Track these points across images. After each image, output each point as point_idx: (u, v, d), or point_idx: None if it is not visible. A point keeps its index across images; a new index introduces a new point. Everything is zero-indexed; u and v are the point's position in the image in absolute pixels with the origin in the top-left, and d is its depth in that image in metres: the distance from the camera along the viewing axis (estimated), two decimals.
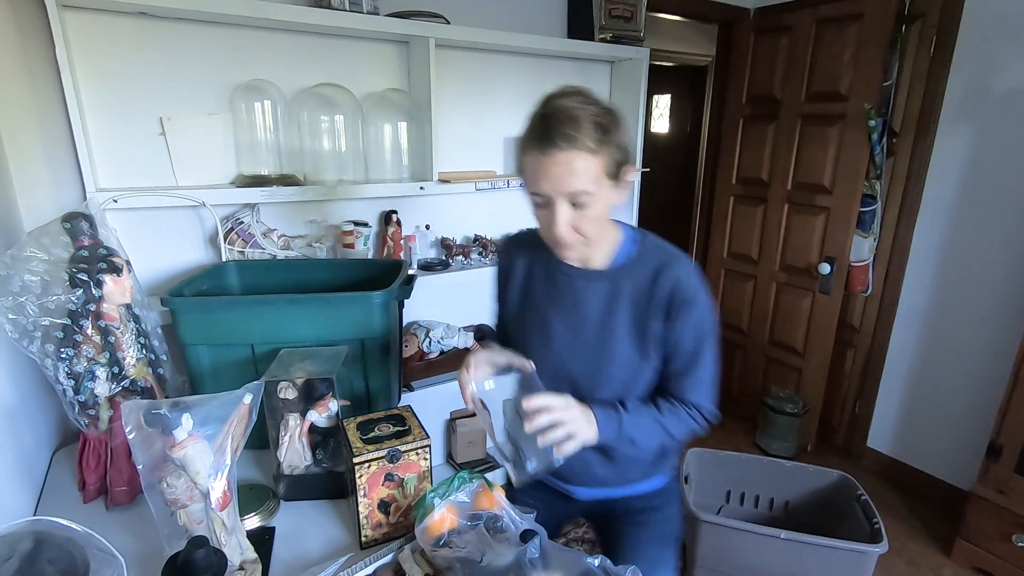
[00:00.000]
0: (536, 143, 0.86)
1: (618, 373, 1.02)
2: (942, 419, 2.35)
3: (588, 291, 1.02)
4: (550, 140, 0.83)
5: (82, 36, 1.37)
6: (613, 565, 0.80)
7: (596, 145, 0.85)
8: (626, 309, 0.99)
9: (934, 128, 2.23)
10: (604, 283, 1.01)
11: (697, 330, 0.98)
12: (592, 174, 0.86)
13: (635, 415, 0.99)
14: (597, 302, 1.01)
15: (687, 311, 0.96)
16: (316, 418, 1.07)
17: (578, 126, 0.83)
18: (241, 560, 0.87)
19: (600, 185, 0.87)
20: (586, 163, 0.85)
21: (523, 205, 2.33)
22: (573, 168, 0.84)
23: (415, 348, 1.95)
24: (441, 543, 0.87)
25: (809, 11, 2.41)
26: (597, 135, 0.85)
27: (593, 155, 0.85)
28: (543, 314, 1.07)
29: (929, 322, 2.35)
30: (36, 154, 1.35)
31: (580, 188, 0.86)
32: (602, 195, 0.89)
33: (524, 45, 1.90)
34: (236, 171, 1.63)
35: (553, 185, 0.86)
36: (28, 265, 1.00)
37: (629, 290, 0.99)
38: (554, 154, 0.84)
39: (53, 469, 1.21)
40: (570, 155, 0.84)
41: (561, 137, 0.83)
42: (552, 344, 1.06)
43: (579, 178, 0.85)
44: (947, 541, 2.11)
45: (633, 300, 0.99)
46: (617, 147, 0.88)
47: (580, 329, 1.03)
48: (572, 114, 0.84)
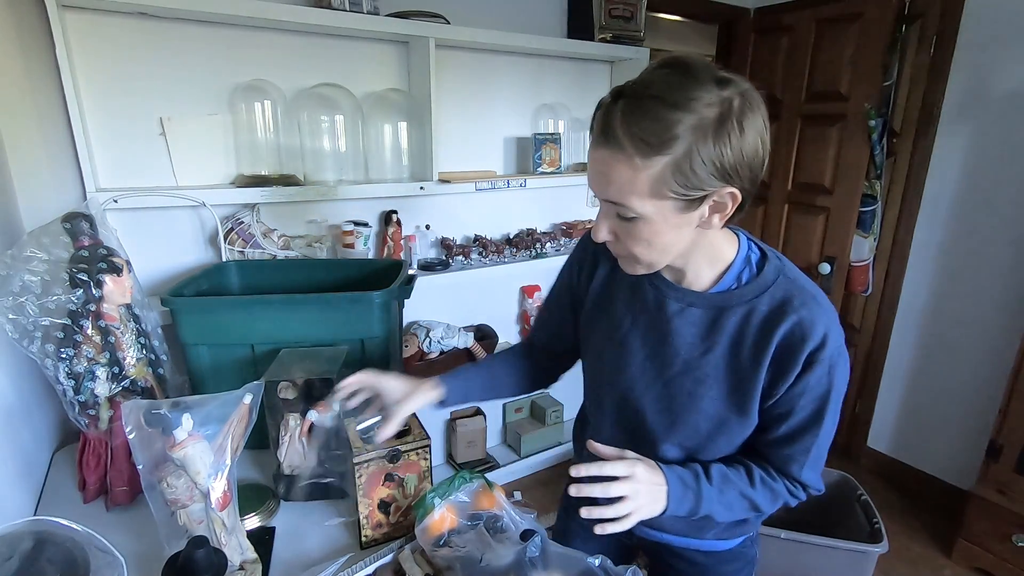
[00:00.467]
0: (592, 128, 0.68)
1: (701, 425, 0.80)
2: (942, 419, 2.35)
3: (681, 317, 0.78)
4: (596, 131, 0.65)
5: (82, 36, 1.37)
6: (613, 565, 0.80)
7: (639, 153, 0.61)
8: (726, 349, 0.76)
9: (934, 128, 2.23)
10: (703, 310, 0.77)
11: (821, 395, 0.74)
12: (633, 187, 0.63)
13: (719, 489, 0.78)
14: (691, 333, 0.78)
15: (811, 368, 0.72)
16: (316, 418, 1.07)
17: (630, 120, 0.61)
18: (241, 560, 0.87)
19: (650, 205, 0.64)
20: (621, 170, 0.63)
21: (523, 205, 2.31)
22: (607, 172, 0.65)
23: (415, 348, 1.95)
24: (441, 543, 0.87)
25: (809, 11, 2.41)
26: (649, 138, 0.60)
27: (633, 163, 0.62)
28: (622, 330, 0.84)
29: (929, 322, 2.35)
30: (36, 154, 1.35)
31: (617, 199, 0.66)
32: (655, 217, 0.66)
33: (524, 45, 1.90)
34: (236, 171, 1.63)
35: (592, 182, 0.69)
36: (28, 265, 1.00)
37: (734, 325, 0.75)
38: (595, 148, 0.66)
39: (53, 469, 1.21)
40: (607, 155, 0.64)
41: (603, 129, 0.63)
42: (627, 370, 0.84)
43: (614, 187, 0.65)
44: (947, 541, 2.11)
45: (737, 339, 0.75)
46: (696, 161, 0.61)
47: (664, 362, 0.80)
48: (638, 100, 0.61)
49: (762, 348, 0.73)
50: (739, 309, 0.75)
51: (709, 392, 0.78)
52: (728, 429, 0.80)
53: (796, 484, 0.81)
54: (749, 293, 0.75)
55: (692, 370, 0.78)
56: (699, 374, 0.78)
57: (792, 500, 0.83)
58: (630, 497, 0.72)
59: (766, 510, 0.82)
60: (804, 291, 0.74)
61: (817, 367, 0.72)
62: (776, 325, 0.72)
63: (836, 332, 0.72)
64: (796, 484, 0.81)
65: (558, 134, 2.13)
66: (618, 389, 0.86)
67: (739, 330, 0.75)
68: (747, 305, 0.74)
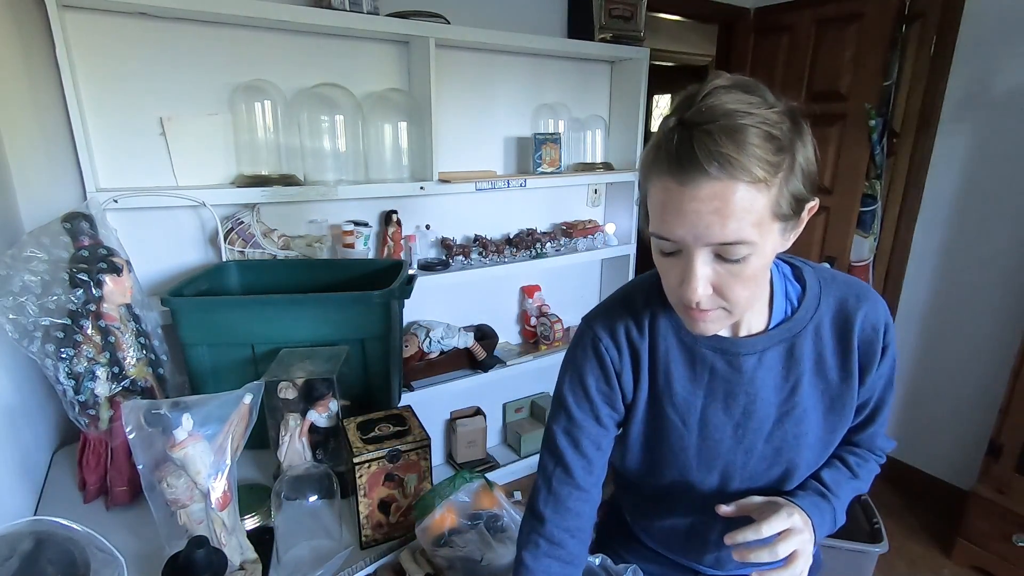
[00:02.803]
0: (671, 166, 0.56)
1: (813, 458, 0.76)
2: (942, 419, 2.35)
3: (759, 369, 0.71)
4: (694, 162, 0.54)
5: (82, 36, 1.37)
6: (614, 564, 0.80)
7: (766, 172, 0.55)
8: (812, 375, 0.72)
9: (934, 128, 2.23)
10: (775, 350, 0.71)
11: (890, 375, 0.75)
12: (755, 216, 0.56)
13: (842, 495, 0.76)
14: (772, 377, 0.71)
15: (886, 352, 0.72)
16: (316, 418, 1.07)
17: (740, 142, 0.54)
18: (241, 560, 0.87)
19: (765, 232, 0.58)
20: (749, 200, 0.55)
21: (523, 205, 2.30)
22: (727, 207, 0.55)
23: (415, 348, 1.95)
24: (441, 543, 0.87)
25: (809, 11, 2.41)
26: (768, 155, 0.55)
27: (760, 188, 0.56)
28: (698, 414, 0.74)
29: (929, 322, 2.35)
30: (36, 154, 1.35)
31: (736, 238, 0.57)
32: (766, 247, 0.60)
33: (524, 45, 1.91)
34: (236, 171, 1.63)
35: (694, 231, 0.57)
36: (28, 265, 1.00)
37: (810, 348, 0.71)
38: (700, 185, 0.55)
39: (53, 469, 1.21)
40: (726, 186, 0.55)
41: (712, 159, 0.54)
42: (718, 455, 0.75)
43: (736, 223, 0.56)
44: (947, 541, 2.10)
45: (816, 359, 0.71)
46: (798, 172, 0.59)
47: (760, 420, 0.73)
48: (732, 122, 0.55)
49: (847, 357, 0.71)
50: (807, 331, 0.71)
51: (811, 426, 0.73)
52: (833, 442, 0.77)
53: (879, 453, 0.83)
54: (807, 312, 0.71)
55: (790, 412, 0.73)
56: (798, 413, 0.73)
57: (878, 470, 0.84)
58: (800, 551, 0.66)
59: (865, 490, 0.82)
60: (848, 285, 0.73)
61: (890, 349, 0.72)
62: (849, 326, 0.70)
63: (884, 306, 0.72)
64: (879, 453, 0.83)
65: (558, 134, 2.12)
66: (714, 473, 0.77)
67: (816, 349, 0.71)
68: (812, 323, 0.71)
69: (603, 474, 0.80)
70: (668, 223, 0.59)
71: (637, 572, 0.78)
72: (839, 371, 0.72)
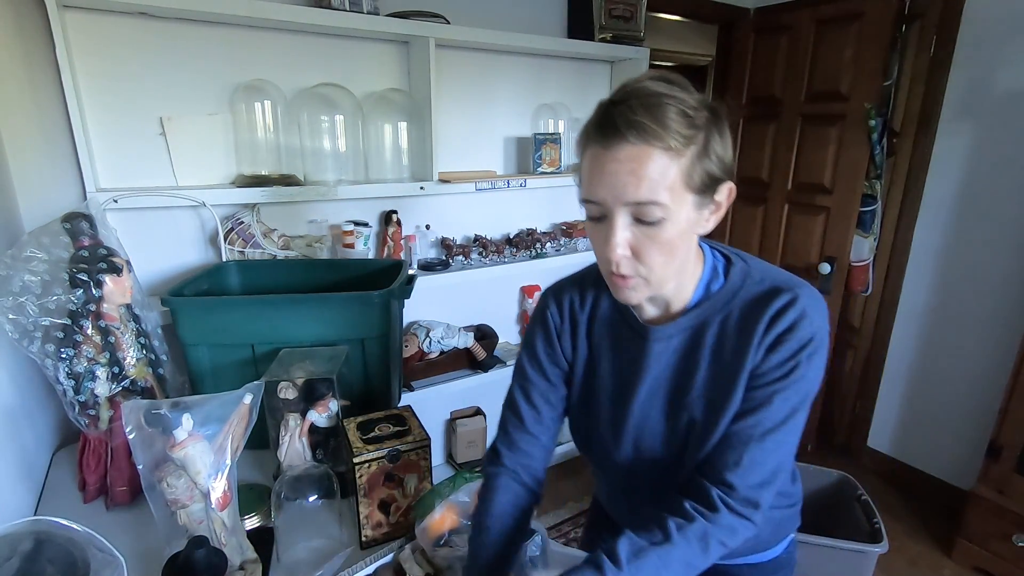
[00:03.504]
0: (597, 134, 0.65)
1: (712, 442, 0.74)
2: (942, 419, 2.35)
3: (665, 353, 0.77)
4: (615, 129, 0.63)
5: (82, 36, 1.37)
6: None
7: (677, 142, 0.62)
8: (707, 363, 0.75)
9: (934, 128, 2.23)
10: (680, 337, 0.76)
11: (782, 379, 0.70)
12: (668, 181, 0.63)
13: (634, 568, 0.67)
14: (673, 359, 0.77)
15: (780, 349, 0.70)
16: (316, 418, 1.07)
17: (656, 114, 0.62)
18: (241, 560, 0.87)
19: (678, 200, 0.64)
20: (662, 165, 0.62)
21: (523, 205, 2.30)
22: (643, 169, 0.62)
23: (415, 348, 1.95)
24: (441, 542, 0.87)
25: (809, 11, 2.41)
26: (681, 129, 0.62)
27: (672, 155, 0.62)
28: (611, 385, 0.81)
29: (929, 322, 2.35)
30: (36, 154, 1.35)
31: (648, 197, 0.63)
32: (680, 215, 0.65)
33: (524, 45, 1.90)
34: (236, 171, 1.63)
35: (612, 190, 0.64)
36: (28, 265, 1.00)
37: (713, 336, 0.74)
38: (620, 147, 0.62)
39: (53, 469, 1.21)
40: (641, 150, 0.62)
41: (632, 126, 0.62)
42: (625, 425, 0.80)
43: (649, 183, 0.62)
44: (947, 541, 2.11)
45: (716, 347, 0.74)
46: (713, 153, 0.65)
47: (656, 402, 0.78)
48: (651, 101, 0.63)
49: (745, 339, 0.71)
50: (716, 317, 0.74)
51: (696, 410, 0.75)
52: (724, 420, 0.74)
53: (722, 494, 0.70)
54: (723, 298, 0.74)
55: (681, 397, 0.76)
56: (688, 400, 0.75)
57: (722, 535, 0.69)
58: None
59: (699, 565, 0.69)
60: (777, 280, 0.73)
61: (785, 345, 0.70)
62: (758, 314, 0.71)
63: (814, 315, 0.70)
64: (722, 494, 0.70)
65: (558, 134, 2.12)
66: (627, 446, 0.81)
67: (719, 338, 0.74)
68: (723, 312, 0.74)
69: (554, 426, 0.88)
70: (592, 185, 0.66)
71: None
72: (733, 352, 0.72)
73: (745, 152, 2.81)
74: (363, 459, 0.92)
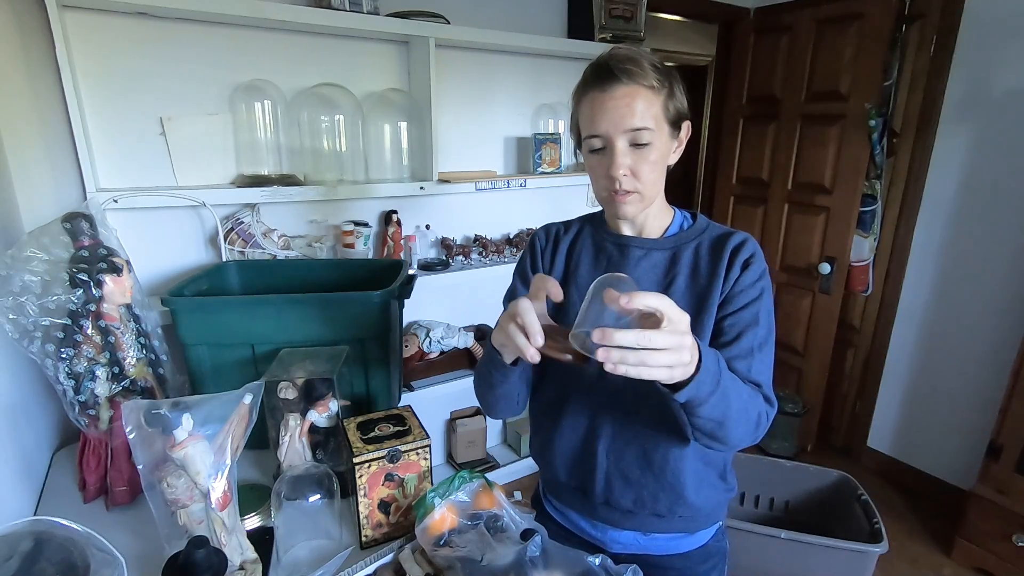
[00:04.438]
0: (595, 82, 0.84)
1: None
2: (942, 419, 2.35)
3: (644, 262, 0.93)
4: (611, 75, 0.82)
5: (82, 36, 1.37)
6: (614, 565, 0.80)
7: (658, 83, 0.83)
8: (687, 276, 0.91)
9: (934, 128, 2.23)
10: (661, 252, 0.93)
11: (756, 297, 0.87)
12: (653, 112, 0.83)
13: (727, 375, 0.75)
14: (655, 272, 0.92)
15: (747, 269, 0.88)
16: (316, 418, 1.07)
17: (638, 64, 0.82)
18: (241, 560, 0.87)
19: (660, 128, 0.84)
20: (648, 100, 0.82)
21: (523, 205, 2.30)
22: (635, 103, 0.81)
23: (415, 348, 1.95)
24: (441, 543, 0.87)
25: (809, 11, 2.41)
26: (657, 75, 0.83)
27: (654, 92, 0.83)
28: None
29: (929, 322, 2.35)
30: (36, 154, 1.35)
31: (642, 124, 0.82)
32: (662, 139, 0.85)
33: (524, 45, 1.91)
34: (236, 171, 1.63)
35: (613, 122, 0.82)
36: (28, 265, 1.00)
37: (689, 256, 0.91)
38: (615, 88, 0.81)
39: (53, 469, 1.21)
40: (631, 89, 0.81)
41: (622, 72, 0.81)
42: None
43: (641, 114, 0.82)
44: (947, 541, 2.10)
45: (693, 266, 0.91)
46: (676, 97, 0.86)
47: None
48: (631, 55, 0.83)
49: (716, 262, 0.89)
50: (690, 244, 0.92)
51: None
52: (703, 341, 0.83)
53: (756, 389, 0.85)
54: (694, 233, 0.93)
55: None
56: None
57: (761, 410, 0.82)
58: (673, 349, 0.62)
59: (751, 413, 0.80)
60: (735, 230, 0.93)
61: (751, 270, 0.88)
62: (723, 244, 0.90)
63: (758, 246, 0.90)
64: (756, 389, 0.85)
65: (558, 134, 2.12)
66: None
67: (694, 259, 0.91)
68: (695, 240, 0.93)
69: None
70: (596, 121, 0.84)
71: (637, 572, 0.78)
72: (708, 275, 0.89)
73: (745, 152, 2.81)
74: (363, 459, 0.92)
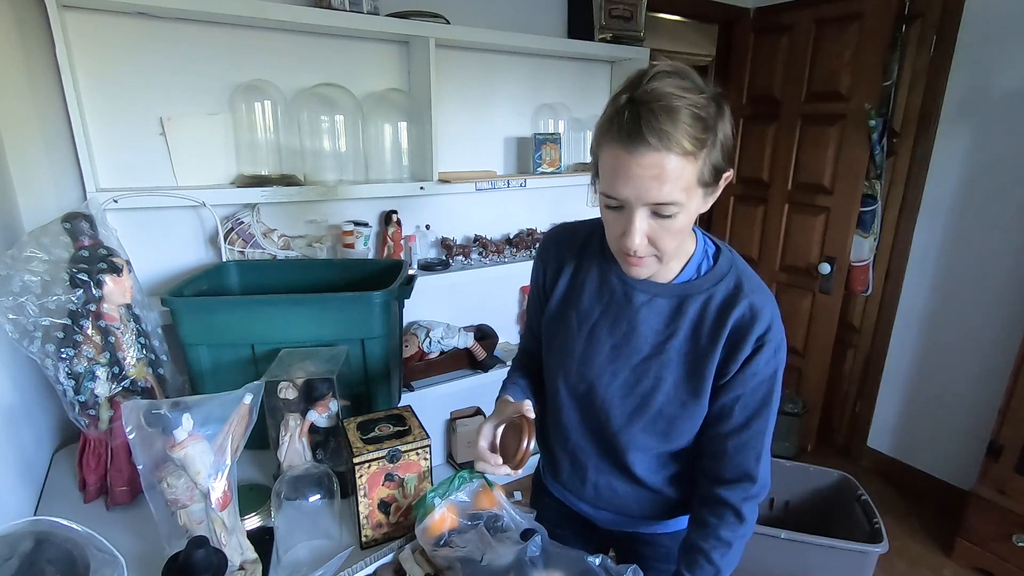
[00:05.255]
0: (621, 137, 0.70)
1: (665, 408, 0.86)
2: (942, 419, 2.35)
3: (648, 307, 0.85)
4: (639, 136, 0.68)
5: (82, 36, 1.37)
6: (614, 565, 0.80)
7: (694, 146, 0.69)
8: (687, 333, 0.83)
9: (934, 128, 2.23)
10: (667, 300, 0.84)
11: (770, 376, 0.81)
12: (684, 182, 0.70)
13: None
14: (656, 321, 0.85)
15: (760, 351, 0.80)
16: (316, 418, 1.07)
17: (676, 121, 0.67)
18: (241, 560, 0.87)
19: (691, 195, 0.72)
20: (680, 169, 0.69)
21: (523, 205, 2.30)
22: (664, 174, 0.69)
23: (415, 348, 1.95)
24: (441, 543, 0.87)
25: (809, 11, 2.41)
26: (697, 133, 0.69)
27: (689, 159, 0.69)
28: (590, 321, 0.89)
29: (929, 322, 2.35)
30: (36, 154, 1.35)
31: (669, 199, 0.71)
32: (691, 206, 0.74)
33: (524, 45, 1.90)
34: (236, 171, 1.63)
35: (636, 191, 0.71)
36: (28, 265, 1.00)
37: (695, 311, 0.83)
38: (643, 154, 0.68)
39: (53, 469, 1.21)
40: (662, 157, 0.68)
41: (653, 134, 0.67)
42: (595, 359, 0.88)
43: (669, 186, 0.70)
44: (947, 541, 2.11)
45: (697, 323, 0.83)
46: (719, 148, 0.72)
47: (632, 350, 0.86)
48: (670, 104, 0.68)
49: (718, 329, 0.81)
50: (699, 297, 0.83)
51: (672, 375, 0.84)
52: (688, 412, 0.85)
53: (749, 483, 0.84)
54: (708, 282, 0.84)
55: (657, 355, 0.85)
56: (664, 358, 0.84)
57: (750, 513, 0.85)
58: None
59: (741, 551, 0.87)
60: (752, 279, 0.84)
61: (765, 349, 0.80)
62: (731, 308, 0.81)
63: (779, 319, 0.82)
64: (749, 483, 0.84)
65: (558, 134, 2.12)
66: (586, 380, 0.90)
67: (699, 316, 0.83)
68: (706, 293, 0.83)
69: None
70: (616, 185, 0.73)
71: (637, 572, 0.78)
72: (709, 338, 0.82)
73: (745, 152, 2.81)
74: (363, 459, 0.92)
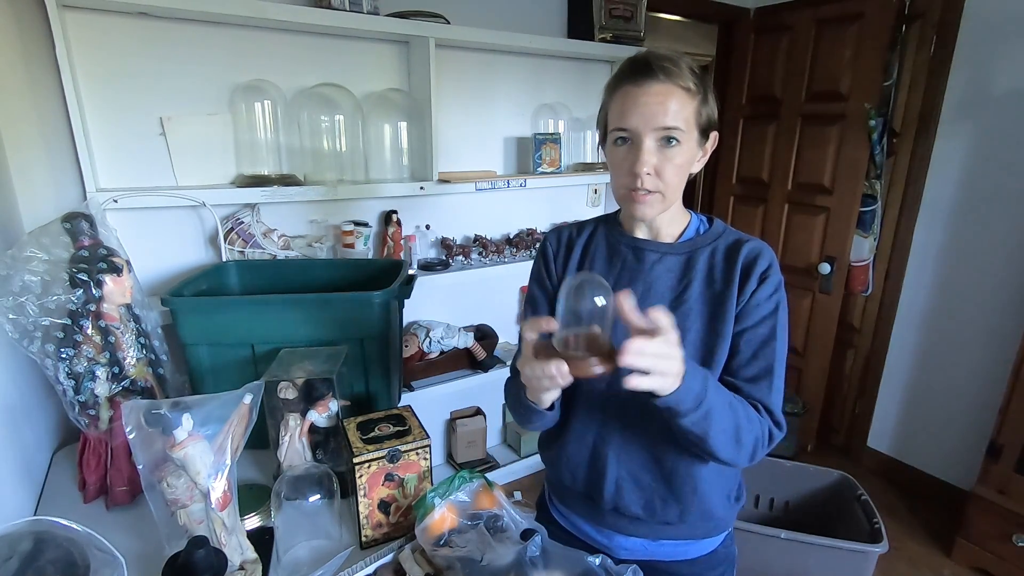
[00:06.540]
0: (631, 76, 0.81)
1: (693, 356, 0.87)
2: (942, 419, 2.35)
3: (659, 266, 0.91)
4: (649, 70, 0.79)
5: (82, 36, 1.37)
6: (614, 565, 0.80)
7: (694, 87, 0.81)
8: (702, 281, 0.89)
9: (934, 128, 2.23)
10: (676, 257, 0.91)
11: (772, 311, 0.86)
12: (685, 115, 0.81)
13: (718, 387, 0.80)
14: (669, 277, 0.90)
15: (764, 283, 0.86)
16: (316, 418, 1.07)
17: (678, 64, 0.80)
18: (241, 560, 0.87)
19: (690, 131, 0.82)
20: (682, 101, 0.80)
21: (523, 205, 2.31)
22: (669, 101, 0.79)
23: (415, 348, 1.95)
24: (441, 543, 0.87)
25: (809, 11, 2.41)
26: (695, 80, 0.81)
27: (690, 96, 0.81)
28: None
29: (929, 322, 2.35)
30: (36, 154, 1.35)
31: (673, 124, 0.80)
32: (690, 143, 0.83)
33: (524, 45, 1.91)
34: (236, 171, 1.63)
35: (645, 118, 0.80)
36: (28, 265, 1.00)
37: (704, 262, 0.90)
38: (651, 85, 0.79)
39: (53, 469, 1.21)
40: (668, 87, 0.79)
41: (661, 70, 0.79)
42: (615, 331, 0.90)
43: (673, 114, 0.80)
44: (947, 541, 2.10)
45: (709, 270, 0.89)
46: (710, 105, 0.84)
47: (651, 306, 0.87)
48: (670, 55, 0.81)
49: (730, 270, 0.88)
50: (705, 249, 0.91)
51: (695, 324, 0.88)
52: (714, 356, 0.87)
53: (764, 412, 0.86)
54: (710, 238, 0.92)
55: (678, 306, 0.89)
56: (685, 308, 0.89)
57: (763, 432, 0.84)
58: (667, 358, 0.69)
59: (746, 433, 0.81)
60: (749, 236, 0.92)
61: (767, 283, 0.86)
62: (738, 251, 0.88)
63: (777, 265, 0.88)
64: (764, 412, 0.86)
65: (558, 134, 2.13)
66: None
67: (709, 264, 0.90)
68: (711, 246, 0.91)
69: None
70: (627, 115, 0.81)
71: (637, 572, 0.78)
72: (723, 282, 0.88)
73: (745, 152, 2.81)
74: (363, 459, 0.92)
